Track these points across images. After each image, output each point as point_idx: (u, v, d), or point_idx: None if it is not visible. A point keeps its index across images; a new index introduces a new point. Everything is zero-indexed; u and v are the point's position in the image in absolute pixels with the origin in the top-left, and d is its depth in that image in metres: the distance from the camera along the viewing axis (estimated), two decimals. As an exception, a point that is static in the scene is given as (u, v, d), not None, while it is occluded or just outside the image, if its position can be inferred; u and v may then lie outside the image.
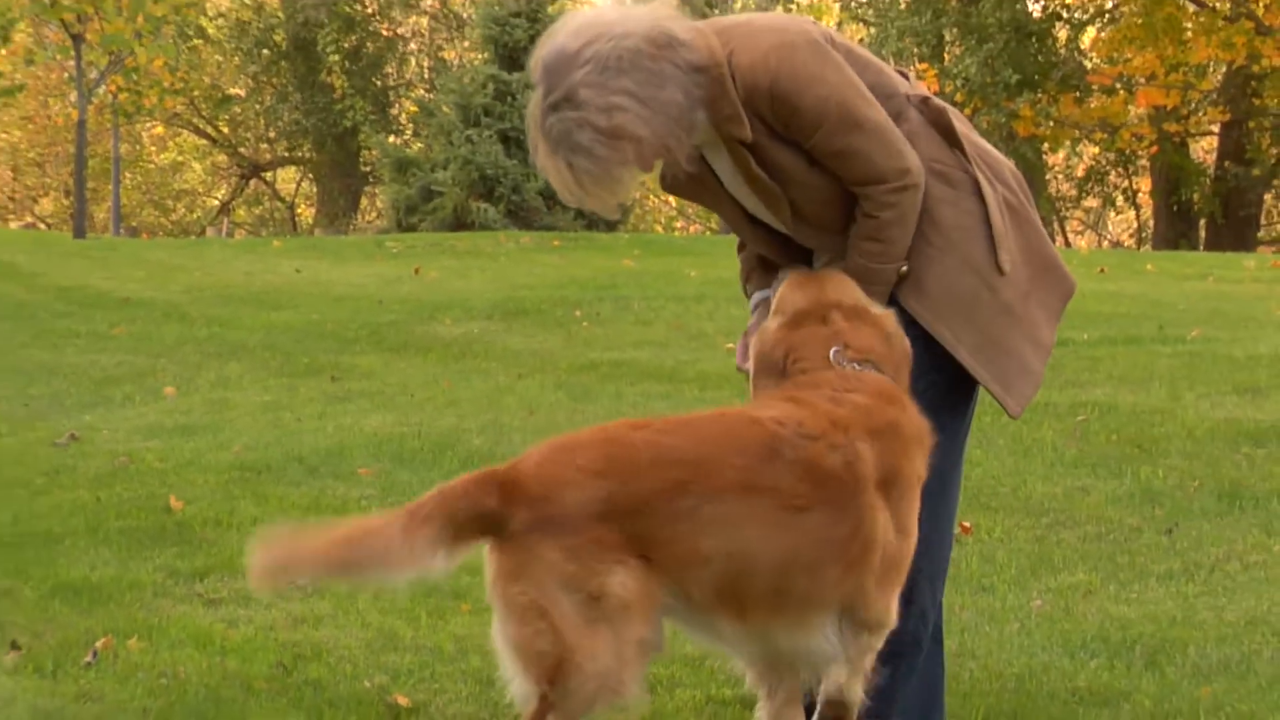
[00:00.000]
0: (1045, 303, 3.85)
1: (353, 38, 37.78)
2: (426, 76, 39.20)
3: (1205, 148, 33.72)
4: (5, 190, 44.45)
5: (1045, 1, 30.61)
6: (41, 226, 41.17)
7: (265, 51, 38.67)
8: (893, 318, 3.64)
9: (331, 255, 19.06)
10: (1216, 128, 30.05)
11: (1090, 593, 5.47)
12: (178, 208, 45.51)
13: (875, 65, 3.76)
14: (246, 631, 4.97)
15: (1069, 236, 37.95)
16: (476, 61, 27.37)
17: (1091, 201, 36.53)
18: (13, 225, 40.45)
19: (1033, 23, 29.78)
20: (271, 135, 40.70)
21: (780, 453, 3.32)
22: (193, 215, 45.06)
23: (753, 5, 33.46)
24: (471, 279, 15.65)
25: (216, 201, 44.77)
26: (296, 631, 5.01)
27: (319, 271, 16.84)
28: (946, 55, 30.55)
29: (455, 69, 32.67)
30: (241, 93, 40.30)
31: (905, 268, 3.68)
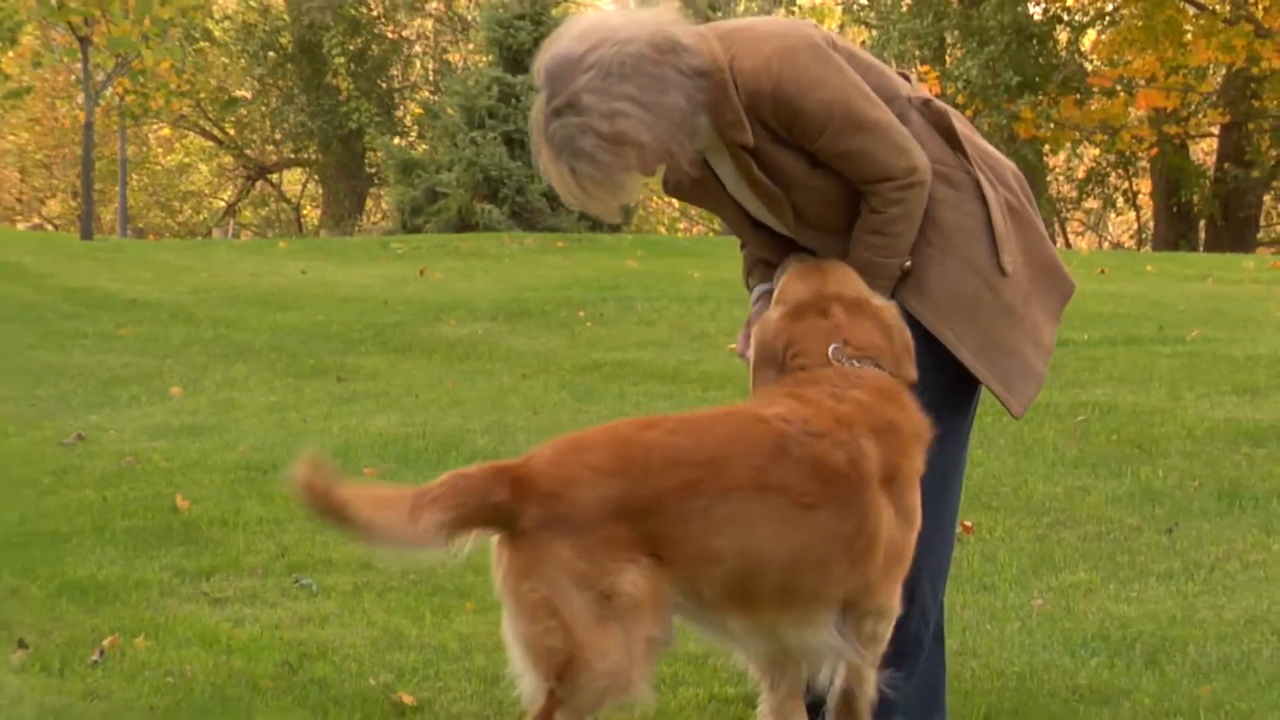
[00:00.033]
0: (1045, 304, 3.87)
1: (358, 40, 37.79)
2: (431, 79, 39.20)
3: (1205, 149, 33.69)
4: (13, 192, 44.51)
5: (1046, 4, 30.58)
6: (49, 228, 41.13)
7: (271, 54, 38.69)
8: (894, 310, 3.66)
9: (337, 256, 19.06)
10: (1216, 130, 30.01)
11: (1091, 592, 5.48)
12: (184, 209, 45.54)
13: (877, 68, 3.77)
14: (252, 630, 4.99)
15: (1070, 238, 37.91)
16: (481, 64, 27.40)
17: (1092, 203, 36.51)
18: (20, 227, 40.41)
19: (1034, 25, 29.76)
20: (277, 137, 40.71)
21: (788, 451, 3.35)
22: (199, 217, 45.08)
23: (755, 9, 33.47)
24: (476, 280, 15.66)
25: (223, 203, 44.80)
26: (302, 630, 5.02)
27: (324, 273, 16.84)
28: (948, 58, 30.53)
29: (460, 71, 32.69)
30: (247, 95, 40.31)
31: (908, 263, 3.70)
